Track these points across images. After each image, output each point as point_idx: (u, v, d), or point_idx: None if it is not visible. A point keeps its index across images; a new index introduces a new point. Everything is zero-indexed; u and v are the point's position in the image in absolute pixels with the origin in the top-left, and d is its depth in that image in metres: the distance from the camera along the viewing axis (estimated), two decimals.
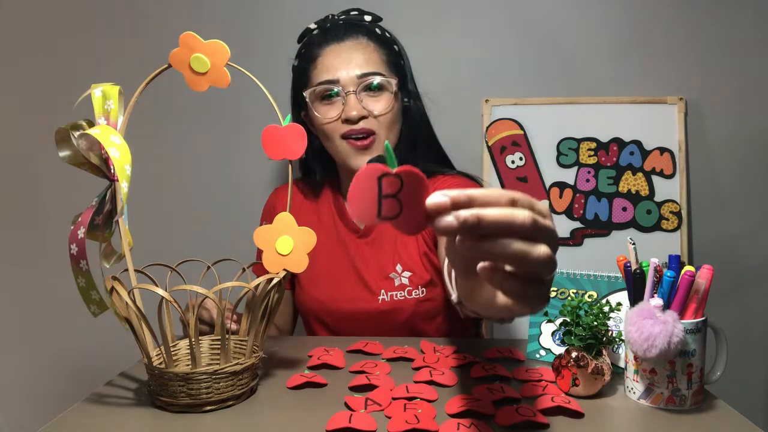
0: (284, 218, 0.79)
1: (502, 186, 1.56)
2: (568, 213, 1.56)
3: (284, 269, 0.79)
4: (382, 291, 1.09)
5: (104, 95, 0.77)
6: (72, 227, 0.74)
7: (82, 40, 1.64)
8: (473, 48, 1.59)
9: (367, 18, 1.10)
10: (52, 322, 1.69)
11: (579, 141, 1.56)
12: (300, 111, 1.12)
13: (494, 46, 1.58)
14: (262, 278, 0.78)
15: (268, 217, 1.19)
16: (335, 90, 1.02)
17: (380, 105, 1.03)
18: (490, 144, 1.58)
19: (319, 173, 1.15)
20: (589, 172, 1.56)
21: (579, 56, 1.57)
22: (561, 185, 1.56)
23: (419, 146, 1.13)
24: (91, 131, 0.73)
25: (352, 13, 1.11)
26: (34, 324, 1.70)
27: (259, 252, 0.79)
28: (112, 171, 0.75)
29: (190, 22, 1.61)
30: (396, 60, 1.09)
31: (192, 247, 1.19)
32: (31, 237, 1.68)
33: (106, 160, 0.75)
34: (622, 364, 0.83)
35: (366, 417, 0.71)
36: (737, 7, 1.53)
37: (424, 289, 1.08)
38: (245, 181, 1.64)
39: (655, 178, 1.53)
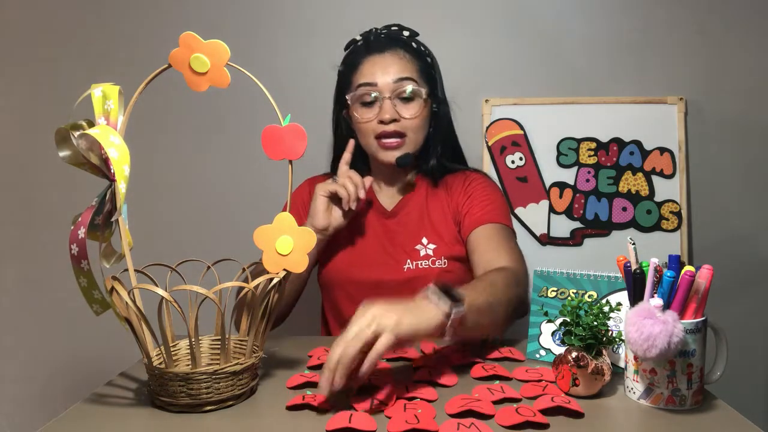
0: (284, 218, 0.79)
1: (503, 185, 1.56)
2: (568, 213, 1.56)
3: (284, 269, 0.79)
4: (408, 260, 1.17)
5: (104, 95, 0.77)
6: (72, 227, 0.74)
7: (82, 40, 1.64)
8: (473, 48, 1.59)
9: (406, 33, 1.23)
10: (52, 322, 1.69)
11: (579, 141, 1.56)
12: (341, 110, 1.24)
13: (494, 46, 1.59)
14: (262, 278, 0.78)
15: (297, 208, 1.25)
16: (374, 95, 1.15)
17: (411, 111, 1.16)
18: (490, 144, 1.58)
19: (358, 161, 1.25)
20: (589, 172, 1.56)
21: (579, 56, 1.57)
22: (561, 185, 1.56)
23: (445, 147, 1.25)
24: (91, 131, 0.73)
25: (392, 28, 1.23)
26: (34, 324, 1.70)
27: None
28: (112, 171, 0.75)
29: (190, 22, 1.61)
30: (428, 70, 1.21)
31: (192, 247, 1.20)
32: (31, 237, 1.68)
33: (105, 160, 0.75)
34: (622, 364, 0.83)
35: (366, 417, 0.71)
36: (737, 8, 1.53)
37: (446, 260, 1.17)
38: (245, 181, 1.64)
39: (655, 178, 1.53)
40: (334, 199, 1.13)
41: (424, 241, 1.18)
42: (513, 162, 1.57)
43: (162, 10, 1.62)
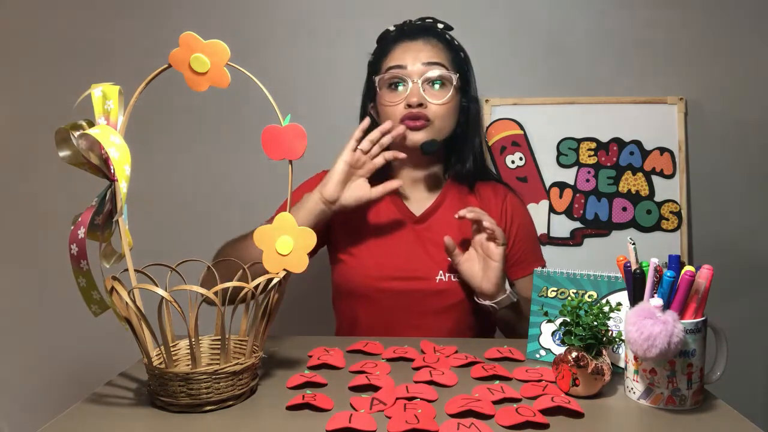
0: (284, 218, 0.79)
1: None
2: (568, 213, 1.56)
3: (284, 269, 0.79)
4: (441, 272, 1.14)
5: (104, 95, 0.77)
6: (72, 227, 0.74)
7: (82, 40, 1.64)
8: (473, 48, 1.58)
9: (440, 26, 1.21)
10: (52, 322, 1.70)
11: (579, 141, 1.56)
12: (369, 103, 1.22)
13: (494, 46, 1.59)
14: (262, 278, 0.78)
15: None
16: (401, 76, 1.13)
17: (439, 96, 1.14)
18: (490, 144, 1.58)
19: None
20: (589, 172, 1.56)
21: (579, 56, 1.57)
22: (561, 185, 1.56)
23: (475, 148, 1.22)
24: (91, 131, 0.73)
25: (427, 20, 1.22)
26: (34, 324, 1.70)
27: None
28: (112, 171, 0.75)
29: (190, 22, 1.61)
30: (460, 64, 1.20)
31: (192, 247, 1.19)
32: (31, 237, 1.68)
33: (106, 160, 0.75)
34: (622, 364, 0.83)
35: (366, 417, 0.71)
36: (737, 8, 1.53)
37: None
38: (245, 181, 1.64)
39: (655, 178, 1.53)
40: (353, 173, 1.08)
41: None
42: (513, 162, 1.57)
43: (162, 10, 1.62)
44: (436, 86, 1.14)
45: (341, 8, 1.60)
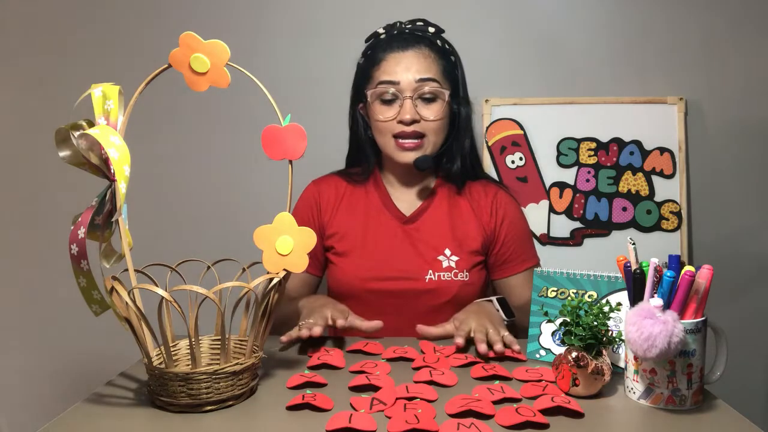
0: (284, 218, 0.79)
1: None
2: (568, 213, 1.56)
3: (284, 269, 0.79)
4: (430, 271, 1.15)
5: (104, 95, 0.77)
6: (72, 227, 0.74)
7: (82, 39, 1.64)
8: (473, 48, 1.59)
9: (431, 30, 1.19)
10: (52, 322, 1.69)
11: (579, 141, 1.56)
12: (357, 104, 1.22)
13: (494, 46, 1.59)
14: (262, 278, 0.78)
15: (307, 212, 1.23)
16: (394, 92, 1.13)
17: (432, 112, 1.14)
18: (490, 144, 1.58)
19: (372, 159, 1.25)
20: (589, 172, 1.56)
21: (579, 56, 1.57)
22: (561, 185, 1.56)
23: (466, 150, 1.22)
24: (91, 131, 0.73)
25: (418, 23, 1.19)
26: (34, 324, 1.70)
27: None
28: (112, 171, 0.75)
29: (190, 22, 1.61)
30: (452, 70, 1.18)
31: (192, 247, 1.20)
32: (32, 237, 1.68)
33: (106, 160, 0.75)
34: (622, 364, 0.83)
35: (366, 417, 0.71)
36: (737, 8, 1.53)
37: (468, 273, 1.16)
38: (245, 181, 1.64)
39: (655, 178, 1.53)
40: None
41: (447, 252, 1.16)
42: (513, 162, 1.57)
43: (162, 10, 1.62)
44: (430, 102, 1.13)
45: (341, 8, 1.60)
